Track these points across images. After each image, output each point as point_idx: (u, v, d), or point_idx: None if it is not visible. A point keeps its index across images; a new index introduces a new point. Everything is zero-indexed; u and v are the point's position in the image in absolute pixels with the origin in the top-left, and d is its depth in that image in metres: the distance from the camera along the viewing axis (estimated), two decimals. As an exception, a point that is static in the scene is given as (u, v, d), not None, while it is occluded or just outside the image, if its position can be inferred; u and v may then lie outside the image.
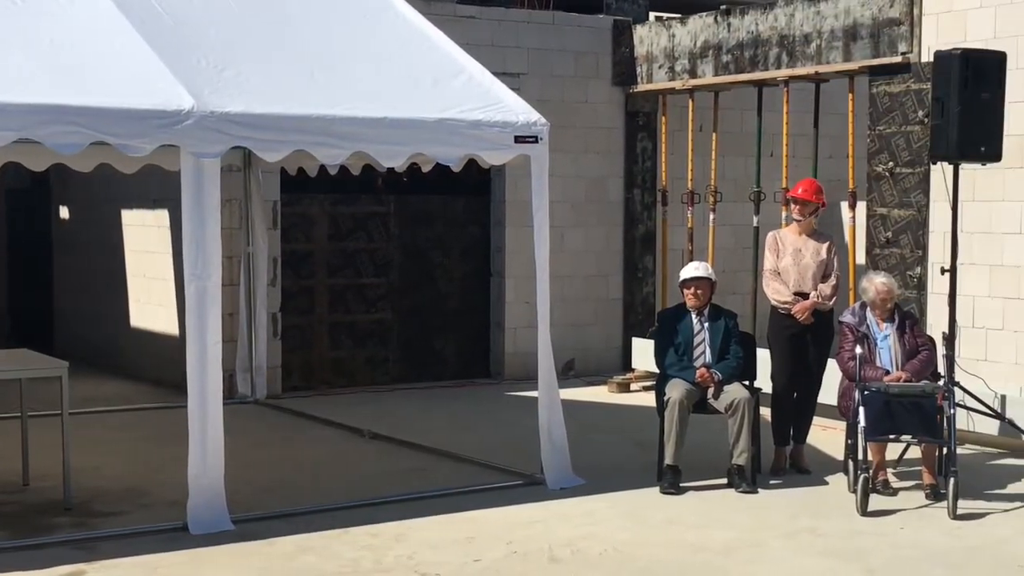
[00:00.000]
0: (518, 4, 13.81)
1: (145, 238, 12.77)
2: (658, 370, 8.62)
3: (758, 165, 12.03)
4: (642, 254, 13.57)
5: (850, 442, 8.18)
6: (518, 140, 8.07)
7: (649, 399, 8.96)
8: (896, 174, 10.69)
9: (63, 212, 14.69)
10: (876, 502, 7.77)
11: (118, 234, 13.29)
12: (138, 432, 10.14)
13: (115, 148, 7.05)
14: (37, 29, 7.37)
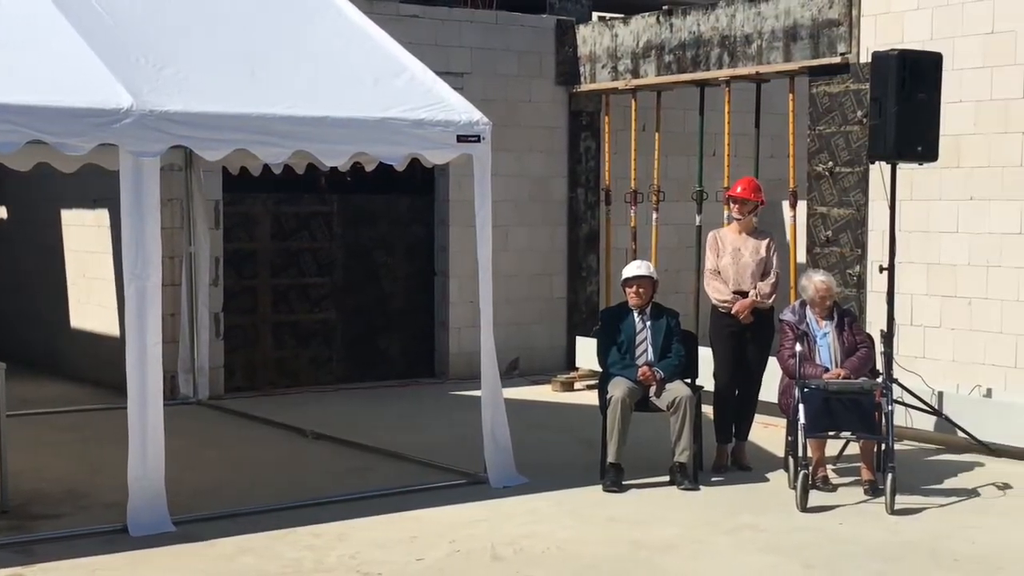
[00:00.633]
0: (461, 3, 13.79)
1: (85, 238, 12.64)
2: (601, 368, 8.66)
3: (700, 164, 12.11)
4: (586, 253, 13.62)
5: (790, 439, 8.26)
6: (460, 139, 8.08)
7: (593, 398, 9.00)
8: (836, 173, 10.80)
9: (1, 212, 14.51)
10: (816, 498, 7.85)
11: (58, 234, 13.15)
12: (78, 434, 10.05)
13: (53, 147, 6.99)
14: (-28, 28, 7.28)
